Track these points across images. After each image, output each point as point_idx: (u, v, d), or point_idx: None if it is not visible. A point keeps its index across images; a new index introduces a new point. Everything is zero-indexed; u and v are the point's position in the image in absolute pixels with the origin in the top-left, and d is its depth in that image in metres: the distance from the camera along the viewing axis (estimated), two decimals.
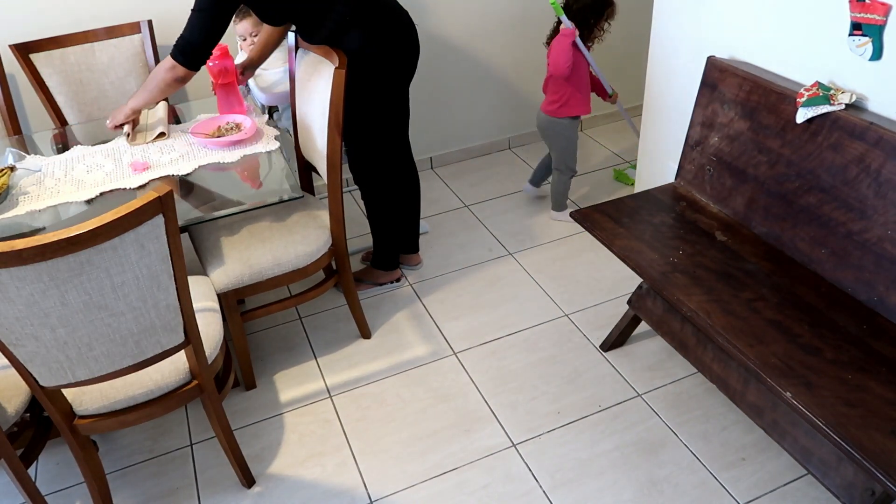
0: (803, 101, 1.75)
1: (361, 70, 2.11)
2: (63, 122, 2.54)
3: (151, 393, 1.68)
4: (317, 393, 2.23)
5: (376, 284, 2.62)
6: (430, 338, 2.41)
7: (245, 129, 2.17)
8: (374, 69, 2.13)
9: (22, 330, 1.38)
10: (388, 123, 2.30)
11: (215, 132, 2.18)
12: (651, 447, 1.97)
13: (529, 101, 3.44)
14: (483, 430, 2.05)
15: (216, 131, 2.19)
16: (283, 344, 2.44)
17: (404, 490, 1.90)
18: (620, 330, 2.25)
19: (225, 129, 2.20)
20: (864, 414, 1.40)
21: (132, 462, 2.04)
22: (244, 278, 2.05)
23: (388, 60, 2.16)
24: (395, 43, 2.16)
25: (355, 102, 2.15)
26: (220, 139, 2.14)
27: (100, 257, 1.33)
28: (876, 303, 1.65)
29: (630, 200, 2.13)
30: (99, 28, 2.53)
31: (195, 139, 2.17)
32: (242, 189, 2.02)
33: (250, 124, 2.19)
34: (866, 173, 1.64)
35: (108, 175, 2.03)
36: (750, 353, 1.57)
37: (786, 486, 1.83)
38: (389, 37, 2.14)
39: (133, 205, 1.32)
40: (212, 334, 1.78)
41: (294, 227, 2.16)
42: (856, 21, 1.67)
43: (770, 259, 1.84)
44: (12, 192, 1.98)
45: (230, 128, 2.20)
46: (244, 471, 1.92)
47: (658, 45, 2.45)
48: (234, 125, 2.21)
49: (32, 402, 1.74)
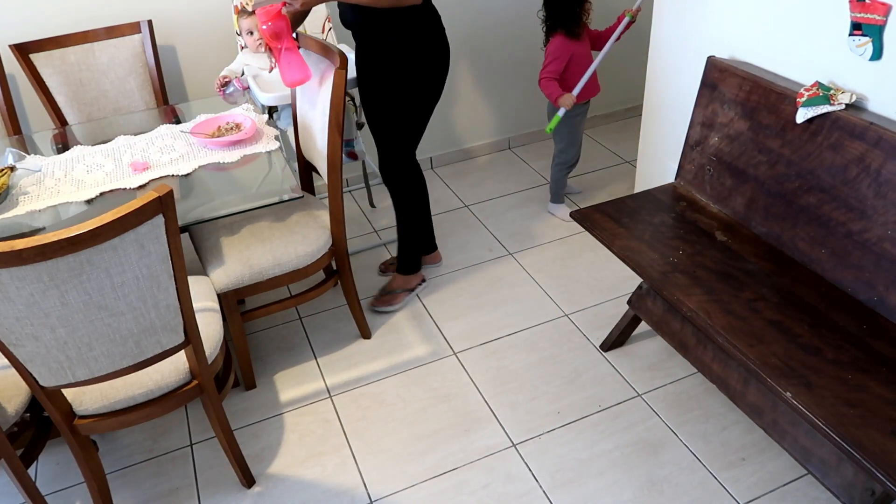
0: (803, 101, 1.75)
1: (410, 66, 2.14)
2: (63, 122, 2.54)
3: (151, 393, 1.68)
4: (317, 393, 2.23)
5: (408, 291, 2.60)
6: (430, 338, 2.41)
7: (245, 129, 2.17)
8: (422, 67, 2.17)
9: (22, 330, 1.38)
10: (422, 122, 2.31)
11: (215, 132, 2.18)
12: (651, 447, 1.97)
13: (529, 101, 3.44)
14: (483, 430, 2.05)
15: (216, 132, 2.19)
16: (283, 344, 2.44)
17: (404, 490, 1.90)
18: (620, 330, 2.25)
19: (225, 129, 2.20)
20: (864, 414, 1.40)
21: (132, 462, 2.04)
22: (244, 278, 2.05)
23: (436, 59, 2.20)
24: (442, 44, 2.21)
25: (397, 99, 2.19)
26: (220, 139, 2.13)
27: (100, 257, 1.33)
28: (876, 303, 1.65)
29: (630, 200, 2.13)
30: (99, 28, 2.53)
31: (195, 139, 2.17)
32: (242, 189, 2.02)
33: (250, 124, 2.19)
34: (866, 173, 1.64)
35: (108, 175, 2.03)
36: (750, 353, 1.57)
37: (786, 486, 1.83)
38: (439, 38, 2.20)
39: (133, 205, 1.32)
40: (212, 334, 1.78)
41: (294, 227, 2.16)
42: (856, 21, 1.67)
43: (770, 259, 1.84)
44: (12, 192, 1.98)
45: (230, 128, 2.20)
46: (244, 471, 1.92)
47: (658, 45, 2.45)
48: (234, 125, 2.21)
49: (32, 402, 1.74)
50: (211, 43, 2.77)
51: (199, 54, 2.78)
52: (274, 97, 2.40)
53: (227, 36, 2.75)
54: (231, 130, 2.19)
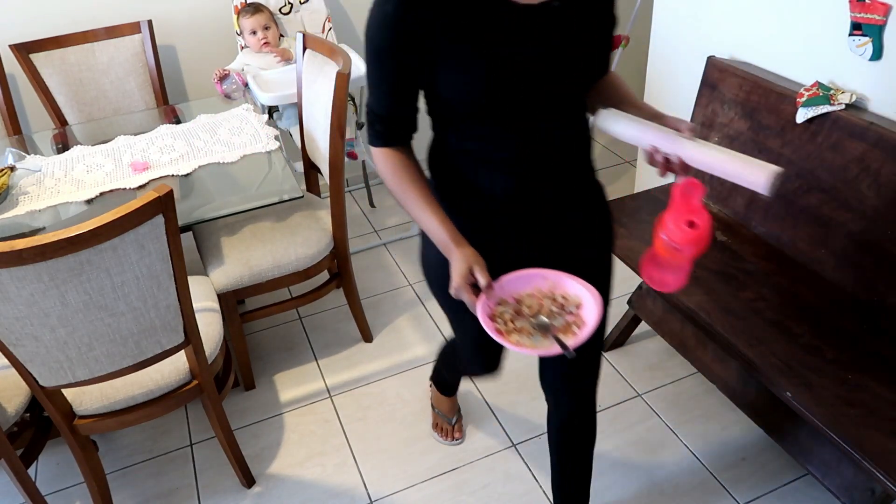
0: (803, 101, 1.75)
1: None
2: (63, 122, 2.54)
3: (151, 393, 1.68)
4: (317, 393, 2.23)
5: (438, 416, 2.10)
6: (430, 338, 2.41)
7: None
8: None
9: (22, 330, 1.38)
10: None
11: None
12: (651, 447, 1.97)
13: None
14: (483, 430, 2.05)
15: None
16: (283, 344, 2.44)
17: (404, 490, 1.90)
18: (620, 330, 2.25)
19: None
20: (864, 414, 1.40)
21: (132, 462, 2.04)
22: (244, 279, 2.05)
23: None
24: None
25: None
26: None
27: (100, 257, 1.33)
28: (876, 303, 1.64)
29: (630, 200, 2.13)
30: (99, 28, 2.53)
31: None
32: (243, 189, 2.02)
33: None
34: (866, 173, 1.64)
35: (108, 175, 2.03)
36: (750, 353, 1.57)
37: (786, 486, 1.83)
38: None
39: (133, 205, 1.32)
40: (212, 334, 1.78)
41: (296, 228, 2.16)
42: (856, 21, 1.67)
43: (770, 259, 1.84)
44: (12, 192, 1.98)
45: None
46: (244, 471, 1.92)
47: (658, 45, 2.45)
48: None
49: (32, 402, 1.74)
50: (211, 43, 2.77)
51: (199, 54, 2.78)
52: (274, 97, 2.40)
53: (227, 36, 2.75)
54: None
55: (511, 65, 1.08)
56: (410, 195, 1.19)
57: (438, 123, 1.22)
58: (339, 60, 1.98)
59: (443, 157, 1.25)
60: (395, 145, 1.20)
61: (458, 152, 1.21)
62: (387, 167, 1.20)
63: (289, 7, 2.66)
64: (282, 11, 2.65)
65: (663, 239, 1.13)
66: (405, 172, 1.19)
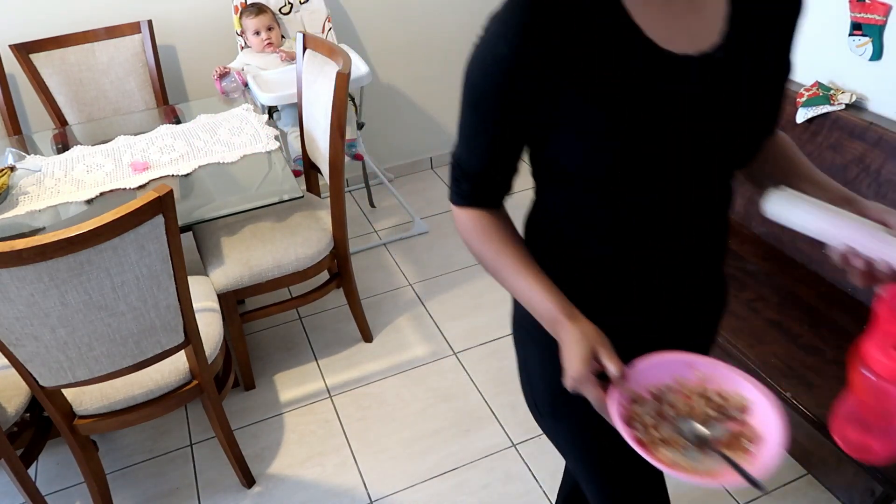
0: (803, 101, 1.75)
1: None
2: (63, 122, 2.54)
3: (151, 393, 1.68)
4: (317, 393, 2.23)
5: None
6: (430, 338, 2.41)
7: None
8: None
9: (22, 330, 1.38)
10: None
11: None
12: None
13: None
14: (483, 430, 2.05)
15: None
16: (284, 344, 2.44)
17: (404, 490, 1.90)
18: None
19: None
20: None
21: (132, 462, 2.04)
22: (244, 279, 2.05)
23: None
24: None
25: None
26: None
27: (100, 257, 1.33)
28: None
29: None
30: (99, 28, 2.53)
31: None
32: (243, 189, 2.02)
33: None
34: (866, 173, 1.64)
35: (108, 175, 2.03)
36: (750, 353, 1.57)
37: (786, 486, 1.83)
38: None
39: (133, 205, 1.32)
40: (212, 334, 1.78)
41: (296, 228, 2.16)
42: (856, 21, 1.67)
43: (770, 259, 1.84)
44: (12, 192, 1.98)
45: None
46: (244, 471, 1.92)
47: None
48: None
49: (32, 402, 1.74)
50: (211, 43, 2.77)
51: (199, 54, 2.78)
52: (274, 97, 2.40)
53: (228, 36, 2.74)
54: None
55: (655, 138, 0.82)
56: (504, 259, 0.93)
57: (543, 186, 0.98)
58: (339, 60, 1.98)
59: (546, 224, 1.01)
60: (485, 208, 0.98)
61: (566, 219, 0.96)
62: (471, 228, 0.98)
63: (289, 7, 2.66)
64: (282, 11, 2.65)
65: (866, 377, 0.80)
66: (496, 232, 0.96)
